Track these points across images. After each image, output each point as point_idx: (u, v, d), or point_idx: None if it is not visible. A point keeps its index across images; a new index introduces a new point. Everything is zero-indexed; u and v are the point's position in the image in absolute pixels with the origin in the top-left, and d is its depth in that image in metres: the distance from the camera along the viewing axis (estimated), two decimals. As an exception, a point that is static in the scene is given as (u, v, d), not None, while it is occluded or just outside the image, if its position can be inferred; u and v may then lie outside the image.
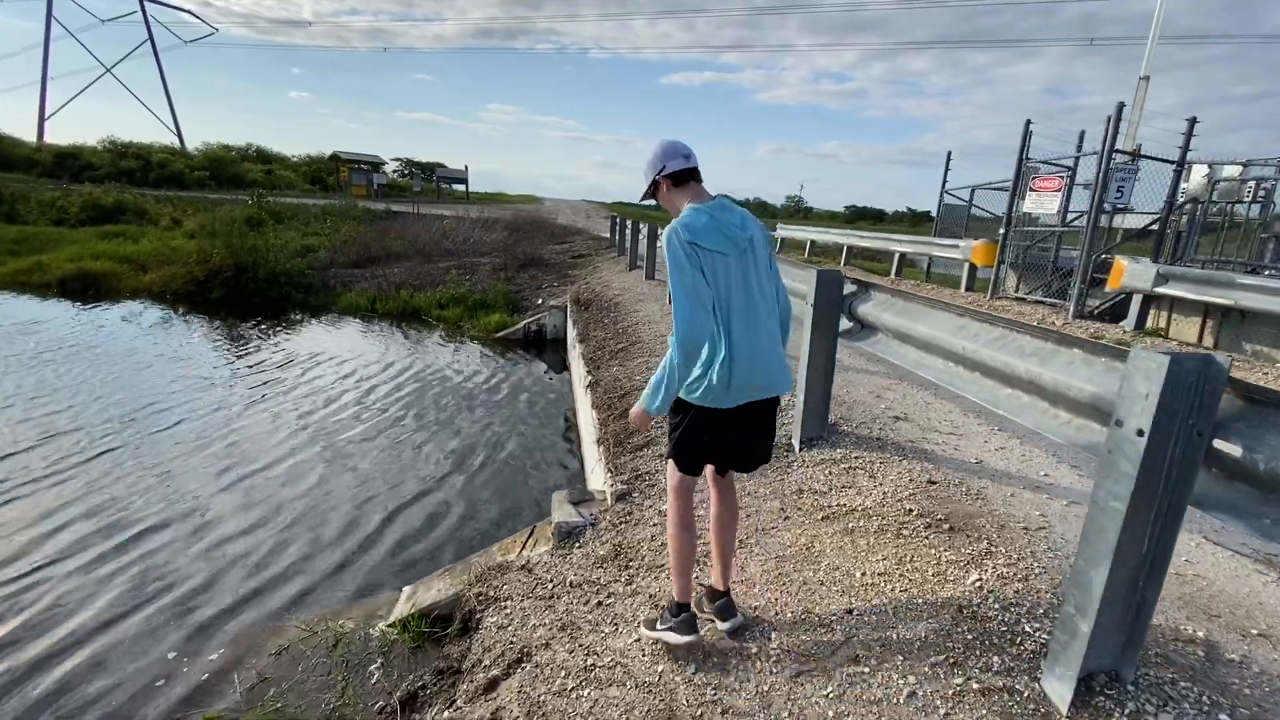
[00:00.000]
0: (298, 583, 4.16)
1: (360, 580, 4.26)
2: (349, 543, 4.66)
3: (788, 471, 3.42)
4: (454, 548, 4.59)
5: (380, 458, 6.09)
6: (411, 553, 4.55)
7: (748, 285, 1.90)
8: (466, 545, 4.62)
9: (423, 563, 4.45)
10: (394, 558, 4.50)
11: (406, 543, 4.66)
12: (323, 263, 15.47)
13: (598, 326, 7.45)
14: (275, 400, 7.58)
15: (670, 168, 1.98)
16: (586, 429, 5.41)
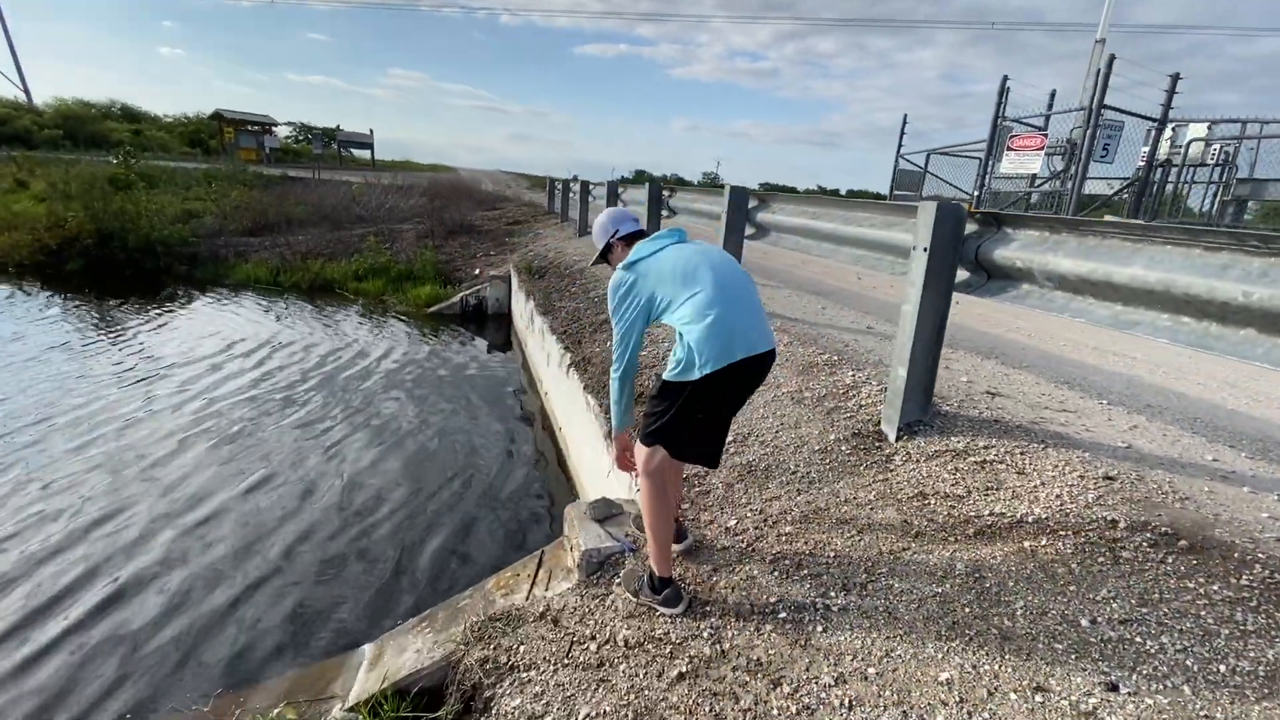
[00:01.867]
0: (210, 650, 2.98)
1: (298, 637, 3.12)
2: (274, 584, 3.47)
3: (888, 468, 2.61)
4: (422, 582, 3.51)
5: (310, 468, 4.82)
6: (363, 591, 3.43)
7: (707, 257, 2.00)
8: (439, 578, 3.55)
9: (381, 605, 3.35)
10: (339, 601, 3.36)
11: (354, 578, 3.53)
12: (210, 229, 13.29)
13: (565, 297, 6.39)
14: (158, 399, 6.03)
15: (623, 230, 2.17)
16: (579, 419, 4.41)
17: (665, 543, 2.16)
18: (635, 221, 2.21)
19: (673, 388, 1.92)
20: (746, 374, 1.94)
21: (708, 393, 1.90)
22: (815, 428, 2.98)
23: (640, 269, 1.99)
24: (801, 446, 2.89)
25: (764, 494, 2.67)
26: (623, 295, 2.01)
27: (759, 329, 1.96)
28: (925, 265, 2.51)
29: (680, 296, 1.92)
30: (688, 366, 1.86)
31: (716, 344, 1.84)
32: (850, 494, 2.55)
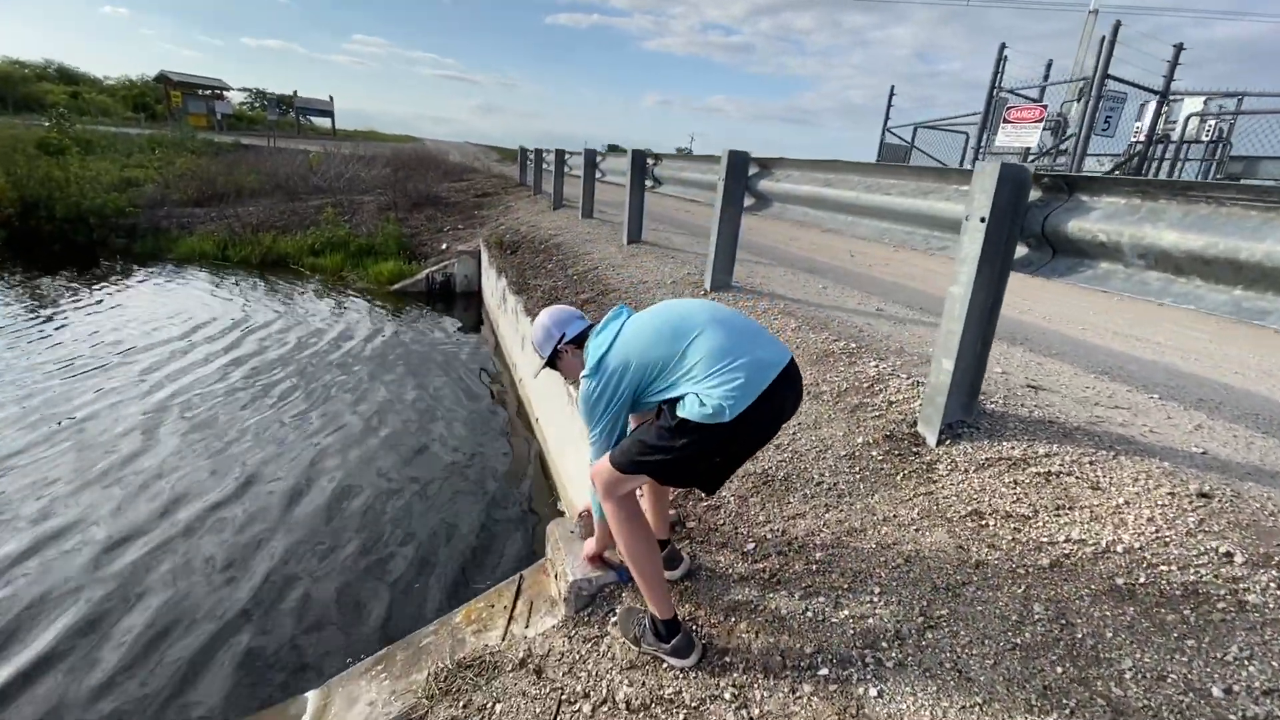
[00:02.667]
0: (128, 690, 2.48)
1: (229, 680, 2.63)
2: (208, 610, 2.96)
3: (931, 479, 2.22)
4: (377, 611, 3.03)
5: (253, 470, 4.27)
6: (307, 621, 2.95)
7: (679, 305, 1.75)
8: (402, 600, 3.07)
9: (329, 638, 2.88)
10: (275, 630, 2.88)
11: (299, 601, 3.04)
12: (151, 199, 12.28)
13: (541, 274, 5.85)
14: (90, 394, 5.36)
15: (570, 333, 1.89)
16: (559, 414, 3.94)
17: (655, 578, 1.80)
18: (582, 319, 1.95)
19: (694, 428, 1.58)
20: (779, 398, 1.63)
21: (738, 433, 1.59)
22: (839, 428, 2.58)
23: (611, 361, 1.70)
24: (825, 451, 2.48)
25: (785, 510, 2.26)
26: (601, 398, 1.71)
27: (774, 344, 1.69)
28: (983, 239, 2.09)
29: (676, 349, 1.64)
30: (717, 412, 1.55)
31: (743, 374, 1.56)
32: (889, 510, 2.15)
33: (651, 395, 1.68)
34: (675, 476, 1.72)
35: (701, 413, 1.54)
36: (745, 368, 1.56)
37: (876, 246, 7.83)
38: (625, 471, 1.69)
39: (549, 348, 1.89)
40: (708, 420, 1.53)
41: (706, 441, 1.58)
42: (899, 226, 2.77)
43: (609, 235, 6.76)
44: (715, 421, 1.53)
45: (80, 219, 10.54)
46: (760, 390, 1.56)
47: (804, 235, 8.61)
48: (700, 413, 1.54)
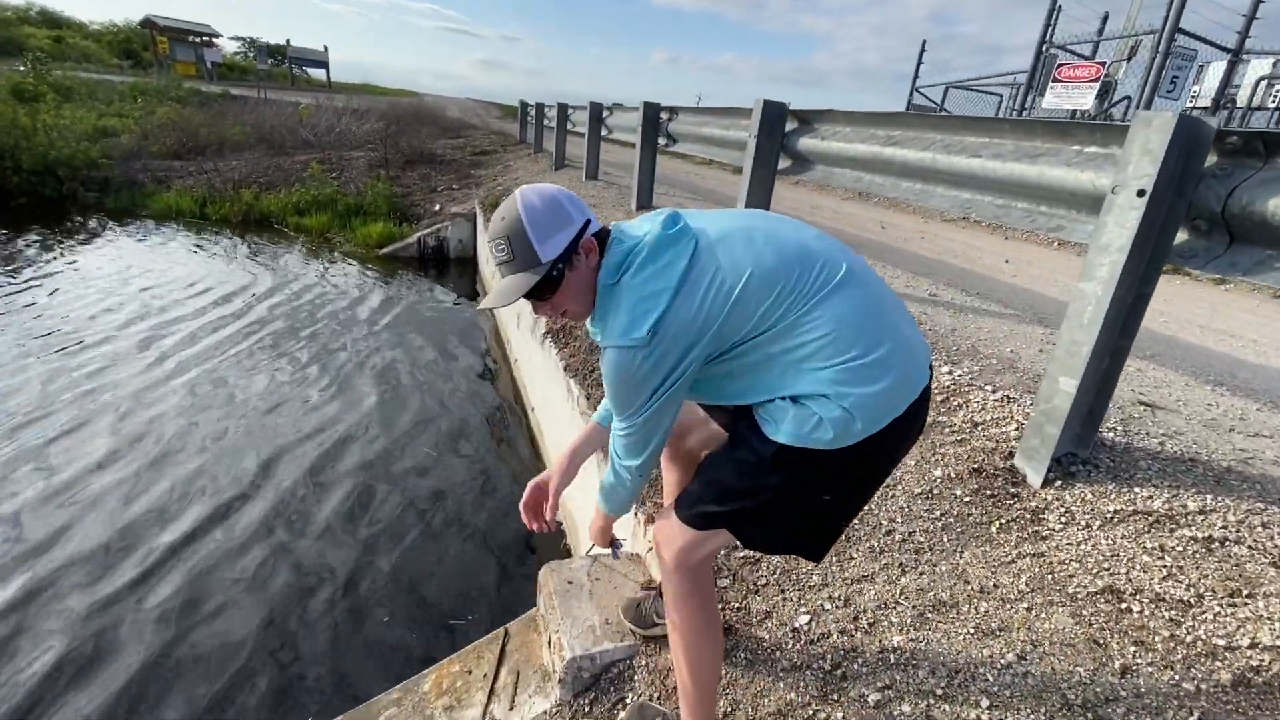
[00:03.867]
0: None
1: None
2: (120, 639, 2.47)
3: (1039, 534, 1.70)
4: (319, 652, 2.53)
5: (207, 464, 3.76)
6: (234, 664, 2.46)
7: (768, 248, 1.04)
8: (358, 631, 2.58)
9: (273, 683, 2.39)
10: (201, 679, 2.39)
11: (230, 639, 2.54)
12: (127, 151, 11.53)
13: (539, 240, 5.26)
14: (54, 364, 4.82)
15: (595, 223, 1.10)
16: (558, 407, 3.41)
17: (708, 692, 1.30)
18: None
19: (795, 458, 1.04)
20: (910, 426, 1.09)
21: (860, 463, 1.07)
22: (908, 455, 2.04)
23: (678, 321, 1.00)
24: (893, 486, 1.95)
25: (846, 568, 1.74)
26: (650, 377, 1.03)
27: (917, 347, 1.10)
28: (1139, 219, 1.52)
29: (791, 311, 1.01)
30: (838, 426, 1.00)
31: (892, 371, 1.01)
32: (985, 576, 1.64)
33: (724, 378, 1.08)
34: (765, 533, 1.17)
35: (815, 435, 1.00)
36: (894, 361, 1.01)
37: (907, 216, 7.19)
38: (699, 527, 1.17)
39: (562, 239, 1.05)
40: (827, 446, 1.00)
41: (816, 474, 1.06)
42: (990, 198, 2.19)
43: (615, 200, 6.12)
44: (838, 447, 1.01)
45: (48, 171, 9.83)
46: (906, 405, 1.04)
47: (826, 202, 7.95)
48: (813, 435, 1.00)
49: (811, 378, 1.00)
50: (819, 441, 1.00)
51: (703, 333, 1.01)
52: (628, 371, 1.02)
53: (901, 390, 1.03)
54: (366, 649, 2.51)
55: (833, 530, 1.18)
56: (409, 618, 2.64)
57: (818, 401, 1.00)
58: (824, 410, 0.99)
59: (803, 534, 1.17)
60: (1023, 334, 2.90)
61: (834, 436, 0.99)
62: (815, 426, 0.99)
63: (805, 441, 1.01)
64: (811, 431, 1.00)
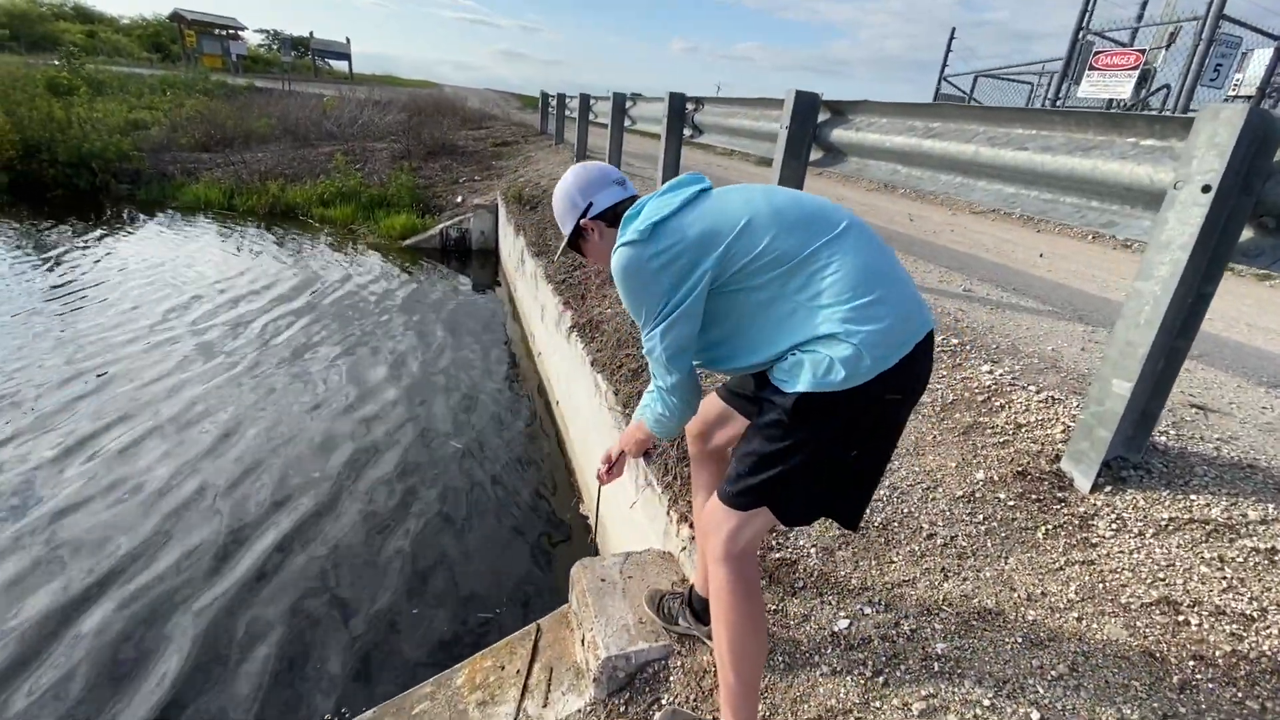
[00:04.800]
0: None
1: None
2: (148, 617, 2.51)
3: (1088, 540, 1.65)
4: (352, 642, 2.55)
5: (238, 453, 3.81)
6: (275, 647, 2.49)
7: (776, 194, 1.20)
8: (392, 624, 2.60)
9: (303, 669, 2.42)
10: (238, 665, 2.42)
11: (265, 621, 2.58)
12: (157, 143, 11.73)
13: (560, 235, 5.24)
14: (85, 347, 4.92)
15: (601, 201, 1.33)
16: (585, 404, 3.40)
17: (752, 688, 1.29)
18: (622, 184, 1.36)
19: (820, 405, 1.10)
20: (923, 369, 1.18)
21: (874, 407, 1.13)
22: (950, 457, 2.00)
23: (681, 225, 1.16)
24: (934, 489, 1.91)
25: (887, 572, 1.71)
26: (658, 275, 1.16)
27: (917, 298, 1.18)
28: (1204, 216, 1.45)
29: (803, 247, 1.12)
30: (849, 364, 1.06)
31: (889, 317, 1.09)
32: (1032, 583, 1.59)
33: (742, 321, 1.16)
34: (803, 499, 1.20)
35: (829, 378, 1.06)
36: (891, 311, 1.09)
37: (935, 209, 7.05)
38: (741, 507, 1.19)
39: (570, 220, 1.37)
40: (840, 386, 1.06)
41: (836, 422, 1.12)
42: (1036, 192, 2.11)
43: (642, 188, 6.07)
44: (851, 385, 1.06)
45: (82, 163, 10.04)
46: (909, 346, 1.11)
47: (851, 194, 7.82)
48: (829, 377, 1.06)
49: (823, 315, 1.08)
50: (833, 383, 1.06)
51: (709, 246, 1.12)
52: (635, 266, 1.15)
53: (904, 329, 1.10)
54: (397, 640, 2.53)
55: (864, 491, 1.25)
56: (439, 610, 2.66)
57: (828, 343, 1.07)
58: (834, 350, 1.06)
59: (836, 495, 1.22)
60: (1063, 331, 2.82)
61: (846, 375, 1.05)
62: (828, 369, 1.06)
63: (821, 385, 1.06)
64: (825, 374, 1.06)
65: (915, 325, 1.12)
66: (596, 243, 1.35)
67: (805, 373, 1.08)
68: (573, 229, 1.36)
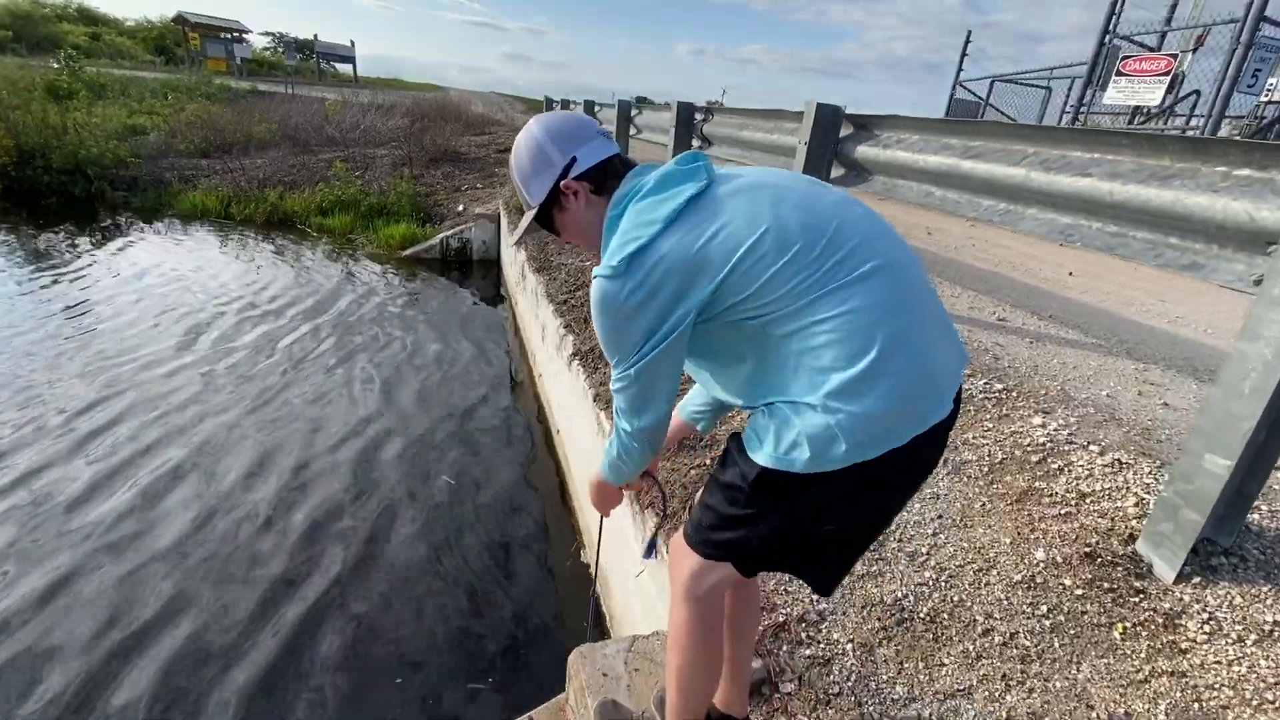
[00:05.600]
0: None
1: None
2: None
3: (1176, 645, 1.40)
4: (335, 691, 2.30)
5: (210, 482, 3.58)
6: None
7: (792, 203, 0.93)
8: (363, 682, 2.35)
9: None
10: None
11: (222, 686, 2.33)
12: (155, 149, 11.55)
13: (564, 252, 5.00)
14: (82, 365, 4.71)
15: (586, 158, 1.05)
16: (585, 438, 3.16)
17: (702, 679, 1.19)
18: (606, 138, 1.08)
19: (777, 482, 0.96)
20: (906, 464, 0.97)
21: (856, 488, 0.95)
22: (1002, 529, 1.74)
23: (663, 251, 0.92)
24: (987, 570, 1.66)
25: (937, 678, 1.45)
26: (637, 315, 0.94)
27: (952, 358, 0.97)
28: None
29: (812, 288, 0.90)
30: (816, 445, 0.90)
31: (885, 403, 0.88)
32: (1113, 699, 1.34)
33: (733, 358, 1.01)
34: (768, 561, 1.09)
35: (791, 456, 0.91)
36: (891, 391, 0.88)
37: (953, 219, 6.78)
38: (704, 555, 1.08)
39: (544, 182, 1.05)
40: (802, 469, 0.91)
41: (804, 500, 0.96)
42: (1100, 224, 1.86)
43: (645, 204, 5.84)
44: (815, 470, 0.91)
45: (78, 169, 9.85)
46: (902, 439, 0.90)
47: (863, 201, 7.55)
48: (792, 454, 0.91)
49: (808, 379, 0.89)
50: (795, 463, 0.91)
51: (698, 279, 0.91)
52: (610, 304, 0.94)
53: (903, 415, 0.90)
54: (377, 713, 2.28)
55: (843, 559, 1.11)
56: (424, 679, 2.41)
57: (803, 412, 0.90)
58: (807, 423, 0.89)
59: (808, 563, 1.10)
60: (1113, 370, 2.56)
61: (810, 458, 0.89)
62: (791, 446, 0.90)
63: (782, 464, 0.92)
64: (788, 451, 0.91)
65: (920, 412, 0.91)
66: (579, 212, 1.06)
67: (768, 442, 0.94)
68: (548, 193, 1.05)
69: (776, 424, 0.93)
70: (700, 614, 1.11)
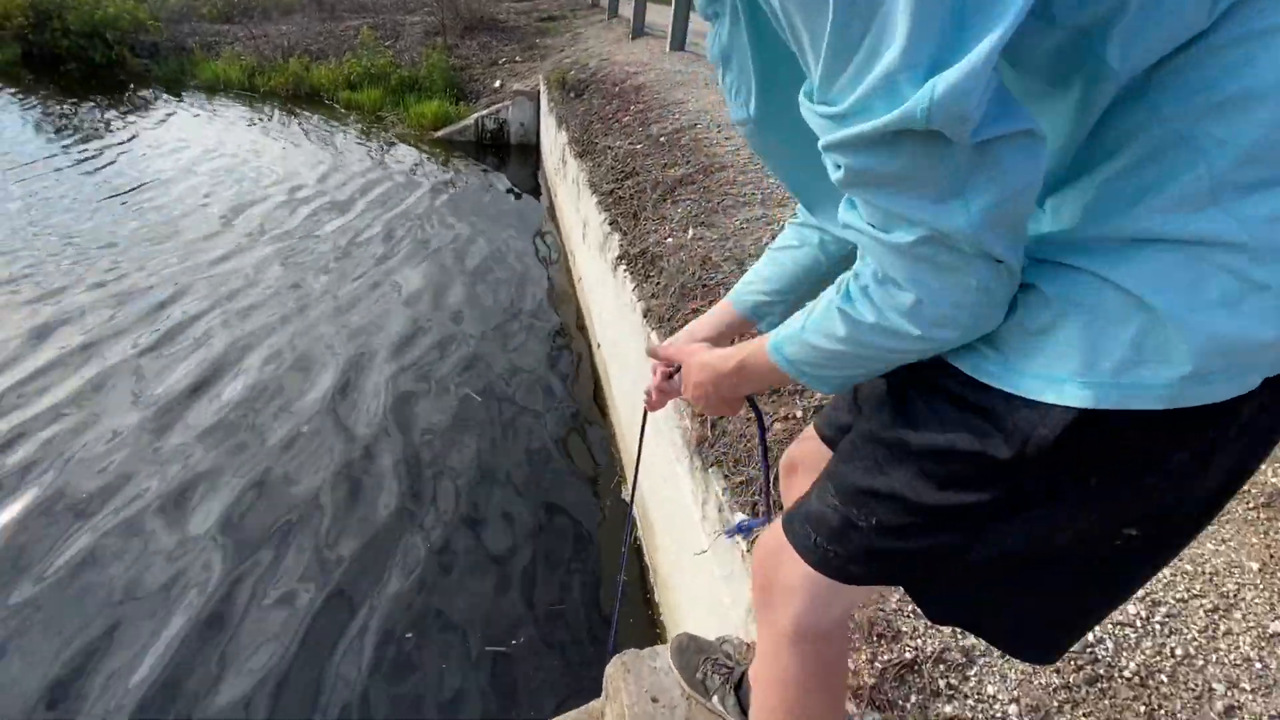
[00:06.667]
0: None
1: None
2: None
3: None
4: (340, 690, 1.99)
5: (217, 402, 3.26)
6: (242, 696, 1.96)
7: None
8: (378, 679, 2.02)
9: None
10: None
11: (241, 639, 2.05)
12: (176, 12, 10.77)
13: (614, 130, 4.27)
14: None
15: None
16: (633, 355, 2.65)
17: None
18: None
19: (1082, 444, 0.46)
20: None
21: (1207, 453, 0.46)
22: (1245, 551, 1.20)
23: None
24: (1225, 613, 1.13)
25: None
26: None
27: None
28: None
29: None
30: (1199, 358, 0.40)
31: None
32: None
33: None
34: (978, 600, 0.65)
35: (1142, 377, 0.43)
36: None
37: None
38: (846, 578, 0.64)
39: None
40: (1157, 403, 0.43)
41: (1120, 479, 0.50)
42: None
43: (710, 77, 4.96)
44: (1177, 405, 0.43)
45: (95, 33, 9.23)
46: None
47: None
48: (1140, 376, 0.43)
49: (1232, 202, 0.40)
50: (1146, 391, 0.43)
51: None
52: None
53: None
54: (388, 673, 1.98)
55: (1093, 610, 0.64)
56: (439, 639, 2.09)
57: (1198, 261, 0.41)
58: (1181, 305, 0.41)
59: (1044, 610, 0.63)
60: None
61: (1184, 378, 0.42)
62: (1134, 356, 0.43)
63: (1116, 397, 0.44)
64: (1127, 369, 0.43)
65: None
66: None
67: (1071, 354, 0.45)
68: None
69: (1086, 312, 0.45)
70: (818, 655, 0.71)
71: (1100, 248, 0.45)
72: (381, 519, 2.53)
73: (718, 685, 1.18)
